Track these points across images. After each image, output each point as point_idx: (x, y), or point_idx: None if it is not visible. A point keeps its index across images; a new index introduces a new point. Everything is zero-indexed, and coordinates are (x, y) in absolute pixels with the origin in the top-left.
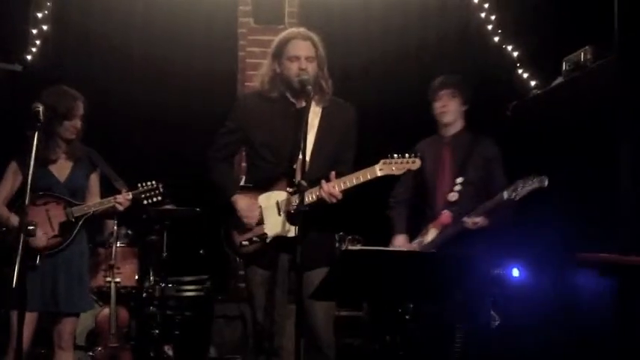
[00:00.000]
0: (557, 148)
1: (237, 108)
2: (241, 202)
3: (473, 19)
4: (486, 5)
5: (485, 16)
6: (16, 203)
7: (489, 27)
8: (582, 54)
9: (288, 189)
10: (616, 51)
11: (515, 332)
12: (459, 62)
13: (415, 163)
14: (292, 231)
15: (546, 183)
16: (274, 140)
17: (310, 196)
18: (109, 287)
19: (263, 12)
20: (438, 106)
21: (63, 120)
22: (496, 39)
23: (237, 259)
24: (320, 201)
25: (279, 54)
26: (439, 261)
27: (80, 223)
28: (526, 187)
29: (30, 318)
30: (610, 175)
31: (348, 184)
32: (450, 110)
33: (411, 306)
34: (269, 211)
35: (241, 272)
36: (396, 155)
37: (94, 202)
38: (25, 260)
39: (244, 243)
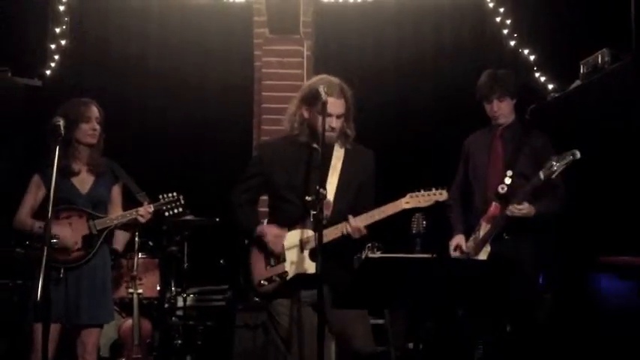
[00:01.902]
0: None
1: (259, 154)
2: (270, 230)
3: (488, 23)
4: (502, 9)
5: (501, 20)
6: (39, 215)
7: (505, 31)
8: (600, 56)
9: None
10: (633, 53)
11: (537, 338)
12: (474, 67)
13: (442, 195)
14: (313, 268)
15: (578, 155)
16: (298, 183)
17: (335, 232)
18: (132, 298)
19: (278, 22)
20: (489, 109)
21: (79, 124)
22: (512, 43)
23: (256, 298)
24: (345, 236)
25: (310, 102)
26: (459, 267)
27: (103, 235)
28: (560, 163)
29: (53, 329)
30: (630, 178)
31: (376, 218)
32: (503, 114)
33: (433, 312)
34: (291, 249)
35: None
36: (422, 190)
37: (116, 214)
38: (50, 273)
39: (263, 282)
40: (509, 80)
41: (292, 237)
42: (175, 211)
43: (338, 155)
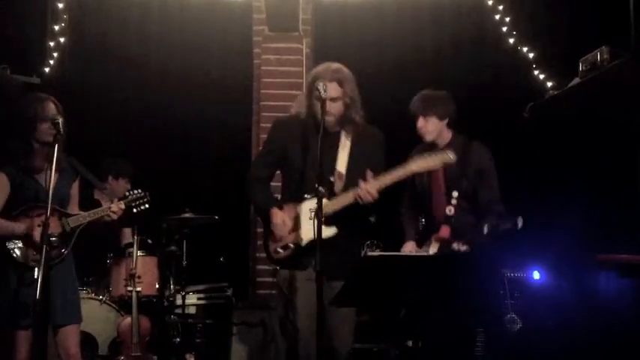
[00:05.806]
0: (575, 149)
1: (274, 130)
2: (276, 216)
3: (487, 21)
4: (501, 7)
5: (500, 17)
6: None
7: (504, 29)
8: (599, 54)
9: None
10: (632, 50)
11: (537, 335)
12: (474, 65)
13: (449, 155)
14: (326, 232)
15: (520, 225)
16: (310, 158)
17: (347, 197)
18: (131, 296)
19: (277, 20)
20: (417, 126)
21: (35, 123)
22: (511, 41)
23: (274, 266)
24: (356, 201)
25: (311, 89)
26: (458, 263)
27: (76, 233)
28: (502, 226)
29: (24, 336)
30: (629, 176)
31: (387, 182)
32: (427, 131)
33: (432, 310)
34: (305, 218)
35: (260, 279)
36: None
37: (88, 211)
38: (23, 276)
39: (279, 250)
40: (435, 102)
41: (306, 206)
42: (142, 207)
43: (347, 134)
